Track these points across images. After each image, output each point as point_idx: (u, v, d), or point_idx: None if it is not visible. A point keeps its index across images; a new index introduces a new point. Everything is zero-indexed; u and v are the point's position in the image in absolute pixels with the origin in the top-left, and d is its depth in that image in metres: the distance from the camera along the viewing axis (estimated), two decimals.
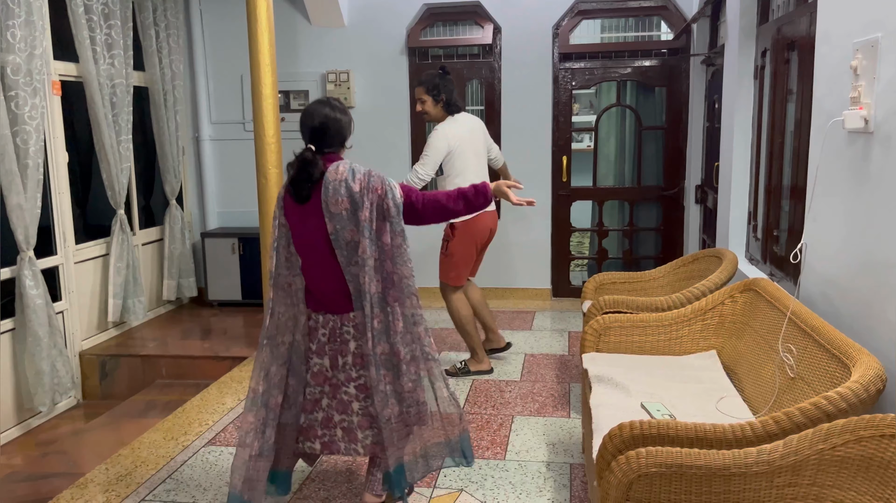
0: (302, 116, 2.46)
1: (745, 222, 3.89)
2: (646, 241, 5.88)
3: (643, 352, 2.97)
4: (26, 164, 3.74)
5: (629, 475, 1.75)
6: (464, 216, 2.58)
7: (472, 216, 3.81)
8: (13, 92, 3.66)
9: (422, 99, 3.91)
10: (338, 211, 2.33)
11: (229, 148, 5.86)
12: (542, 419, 3.50)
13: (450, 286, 4.02)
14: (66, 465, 3.35)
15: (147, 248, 5.29)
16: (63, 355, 4.01)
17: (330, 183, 2.33)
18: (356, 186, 2.32)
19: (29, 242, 3.79)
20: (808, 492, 1.72)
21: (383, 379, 2.43)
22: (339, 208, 2.33)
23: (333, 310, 2.47)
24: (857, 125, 2.15)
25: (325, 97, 2.54)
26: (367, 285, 2.35)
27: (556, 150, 5.64)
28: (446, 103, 3.90)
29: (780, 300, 2.57)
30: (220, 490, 2.90)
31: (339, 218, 2.34)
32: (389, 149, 5.68)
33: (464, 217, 3.31)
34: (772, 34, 3.45)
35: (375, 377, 2.41)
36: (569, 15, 5.47)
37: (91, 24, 4.40)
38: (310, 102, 2.53)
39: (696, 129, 5.27)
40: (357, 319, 2.44)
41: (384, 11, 5.58)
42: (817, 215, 2.56)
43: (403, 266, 2.39)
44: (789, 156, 3.20)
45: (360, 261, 2.34)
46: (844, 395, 1.81)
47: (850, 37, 2.27)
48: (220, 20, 5.73)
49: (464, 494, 2.80)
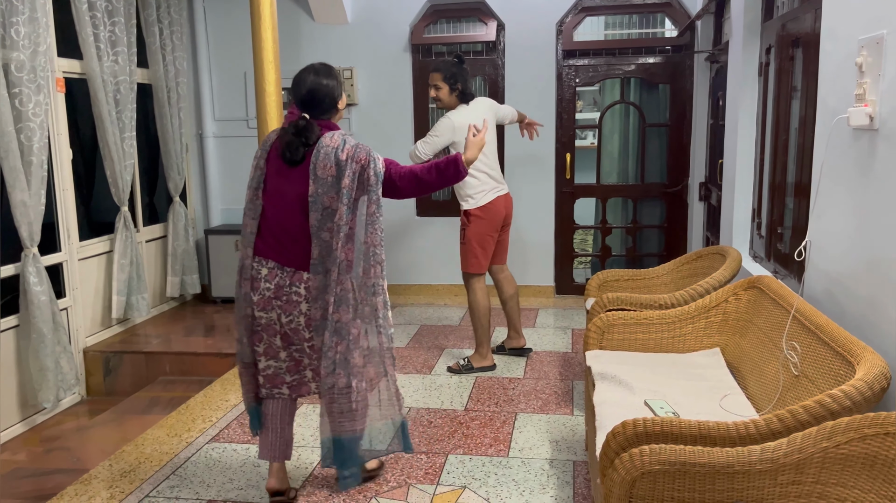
0: (291, 86, 2.54)
1: (749, 219, 3.88)
2: (649, 238, 5.87)
3: (647, 349, 2.96)
4: (30, 160, 3.74)
5: (632, 473, 1.75)
6: (438, 187, 2.63)
7: (487, 202, 3.95)
8: (17, 89, 3.67)
9: (437, 85, 3.92)
10: (324, 176, 2.42)
11: (232, 145, 5.86)
12: (545, 416, 3.50)
13: (472, 274, 4.03)
14: (70, 461, 3.36)
15: (151, 245, 5.30)
16: (67, 352, 4.02)
17: (322, 148, 2.44)
18: (343, 155, 2.43)
19: (33, 239, 3.79)
20: (812, 491, 1.72)
21: (335, 346, 2.48)
22: (325, 173, 2.42)
23: (282, 261, 2.51)
24: (862, 122, 2.14)
25: (311, 64, 2.58)
26: (339, 251, 2.43)
27: (559, 147, 5.63)
28: (461, 92, 3.93)
29: (784, 298, 2.56)
30: (223, 486, 2.91)
31: (322, 182, 2.42)
32: (392, 145, 5.67)
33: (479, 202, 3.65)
34: (776, 31, 3.43)
35: (329, 342, 2.47)
36: (572, 12, 5.46)
37: (95, 20, 4.41)
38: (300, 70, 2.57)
39: (700, 126, 5.26)
40: (311, 282, 2.48)
41: (387, 8, 5.57)
42: (822, 213, 2.56)
43: (374, 234, 2.48)
44: (794, 153, 3.19)
45: (336, 228, 2.42)
46: (849, 393, 1.80)
47: (855, 33, 2.26)
48: (223, 17, 5.73)
49: (467, 491, 2.80)
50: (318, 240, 2.45)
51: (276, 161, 2.52)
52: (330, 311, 2.46)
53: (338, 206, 2.41)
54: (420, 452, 3.14)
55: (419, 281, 5.87)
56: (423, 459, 3.08)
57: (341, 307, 2.47)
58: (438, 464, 3.03)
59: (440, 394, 3.81)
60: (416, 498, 2.76)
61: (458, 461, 3.05)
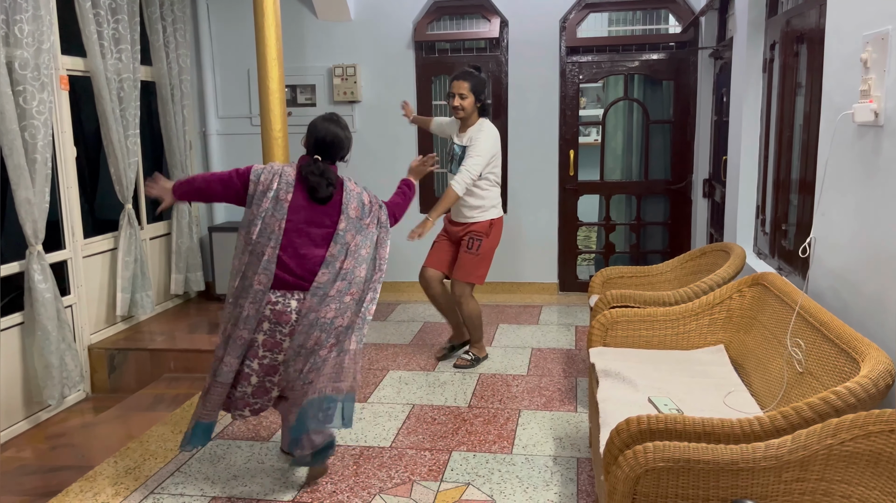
0: (308, 130, 2.81)
1: (754, 216, 3.87)
2: (653, 235, 5.86)
3: (650, 346, 2.96)
4: (34, 158, 3.75)
5: (636, 470, 1.75)
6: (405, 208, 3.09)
7: (497, 216, 4.07)
8: (21, 87, 3.67)
9: (463, 94, 3.90)
10: (353, 216, 2.76)
11: (236, 142, 5.86)
12: (548, 413, 3.50)
13: (472, 285, 4.06)
14: (75, 458, 3.37)
15: (155, 243, 5.31)
16: (72, 349, 4.03)
17: (351, 192, 2.78)
18: (366, 200, 2.83)
19: (38, 237, 3.80)
20: (817, 487, 1.72)
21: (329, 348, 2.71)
22: (353, 213, 2.76)
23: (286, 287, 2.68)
24: (867, 118, 2.14)
25: (331, 114, 2.88)
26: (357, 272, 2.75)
27: (563, 144, 5.62)
28: (484, 105, 3.97)
29: (788, 294, 2.56)
30: (227, 483, 2.91)
31: (350, 221, 2.75)
32: (395, 143, 5.67)
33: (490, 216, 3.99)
34: (781, 27, 3.42)
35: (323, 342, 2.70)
36: (576, 8, 5.44)
37: (98, 18, 4.41)
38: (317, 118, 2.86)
39: (704, 122, 5.25)
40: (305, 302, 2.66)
41: (391, 5, 5.57)
42: (826, 209, 2.55)
43: (384, 249, 2.89)
44: (798, 149, 3.18)
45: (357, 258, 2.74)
46: (853, 390, 1.80)
47: (860, 29, 2.25)
48: (226, 14, 5.73)
49: (470, 488, 2.80)
50: (332, 268, 2.69)
51: (303, 196, 2.71)
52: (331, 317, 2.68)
53: (359, 238, 2.76)
54: (424, 449, 3.15)
55: None
56: (426, 456, 3.08)
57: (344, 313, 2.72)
58: (442, 460, 3.03)
59: (444, 392, 3.81)
60: (420, 494, 2.77)
61: (461, 458, 3.06)
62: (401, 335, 4.81)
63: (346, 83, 5.63)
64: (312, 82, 5.74)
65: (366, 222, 2.80)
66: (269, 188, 2.68)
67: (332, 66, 5.65)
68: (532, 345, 4.55)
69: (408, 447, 3.18)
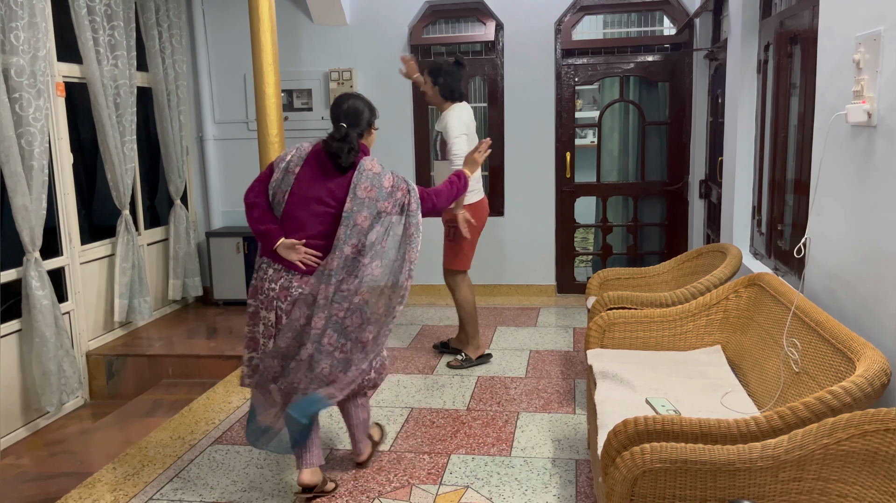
0: (331, 106, 2.74)
1: (750, 217, 3.88)
2: (650, 236, 5.87)
3: (648, 347, 2.97)
4: (31, 165, 3.75)
5: (634, 471, 1.76)
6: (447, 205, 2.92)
7: (481, 198, 4.04)
8: (17, 94, 3.68)
9: (423, 80, 4.06)
10: (363, 196, 2.59)
11: (233, 147, 5.87)
12: (547, 415, 3.51)
13: (458, 271, 4.05)
14: (74, 465, 3.37)
15: (152, 248, 5.31)
16: (70, 355, 4.03)
17: (365, 170, 2.62)
18: (386, 182, 2.64)
19: (35, 243, 3.80)
20: (813, 487, 1.72)
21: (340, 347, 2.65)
22: (365, 194, 2.59)
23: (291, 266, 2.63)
24: (861, 119, 2.15)
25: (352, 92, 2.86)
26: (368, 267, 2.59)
27: (559, 146, 5.63)
28: (443, 88, 3.97)
29: (784, 295, 2.57)
30: (226, 488, 2.91)
31: (359, 201, 2.59)
32: (392, 147, 5.67)
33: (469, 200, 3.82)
34: (774, 28, 3.44)
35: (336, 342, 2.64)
36: (571, 11, 5.46)
37: (94, 25, 4.41)
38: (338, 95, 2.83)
39: (700, 123, 5.26)
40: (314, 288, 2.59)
41: (386, 9, 5.57)
42: (821, 209, 2.56)
43: (412, 251, 2.66)
44: (793, 150, 3.20)
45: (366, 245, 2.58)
46: (849, 390, 1.81)
47: (852, 30, 2.27)
48: (222, 20, 5.73)
49: (469, 491, 2.81)
50: (340, 252, 2.58)
51: (311, 170, 2.65)
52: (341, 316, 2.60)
53: (370, 225, 2.59)
54: (423, 452, 3.15)
55: (421, 281, 5.83)
56: (425, 459, 3.08)
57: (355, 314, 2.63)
58: (441, 464, 3.04)
59: (442, 394, 3.81)
60: (419, 498, 2.77)
61: (460, 461, 3.06)
62: (399, 338, 4.81)
63: (342, 87, 5.63)
64: (309, 87, 5.74)
65: (384, 205, 2.61)
66: (283, 160, 2.71)
67: (329, 71, 5.66)
68: (530, 347, 4.56)
69: (406, 450, 3.18)
